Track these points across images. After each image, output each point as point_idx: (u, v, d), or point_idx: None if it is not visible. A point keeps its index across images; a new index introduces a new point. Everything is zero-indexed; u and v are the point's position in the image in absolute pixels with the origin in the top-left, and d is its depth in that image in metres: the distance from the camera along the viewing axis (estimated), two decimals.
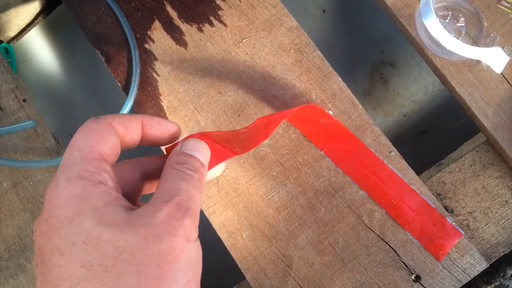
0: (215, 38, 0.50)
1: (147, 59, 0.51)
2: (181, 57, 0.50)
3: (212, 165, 0.27)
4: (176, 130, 0.28)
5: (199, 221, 0.23)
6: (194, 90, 0.50)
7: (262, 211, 0.46)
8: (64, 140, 0.55)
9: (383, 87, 0.93)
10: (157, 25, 0.52)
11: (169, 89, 0.50)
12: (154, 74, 0.51)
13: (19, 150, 0.53)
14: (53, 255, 0.20)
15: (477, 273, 0.43)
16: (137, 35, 0.52)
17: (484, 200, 0.47)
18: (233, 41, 0.50)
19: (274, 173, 0.47)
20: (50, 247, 0.20)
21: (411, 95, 0.92)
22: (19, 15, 0.77)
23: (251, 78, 0.49)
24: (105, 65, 0.52)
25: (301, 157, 0.47)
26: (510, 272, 0.46)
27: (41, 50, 1.01)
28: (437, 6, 0.48)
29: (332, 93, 0.48)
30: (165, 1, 0.52)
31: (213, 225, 0.46)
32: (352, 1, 0.97)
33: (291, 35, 0.49)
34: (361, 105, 0.47)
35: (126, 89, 0.50)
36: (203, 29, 0.51)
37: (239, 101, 0.49)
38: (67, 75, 1.00)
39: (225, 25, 0.51)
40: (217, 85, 0.49)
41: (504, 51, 0.45)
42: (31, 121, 0.53)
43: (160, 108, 0.50)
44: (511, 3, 0.48)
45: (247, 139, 0.34)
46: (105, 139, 0.23)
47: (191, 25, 0.51)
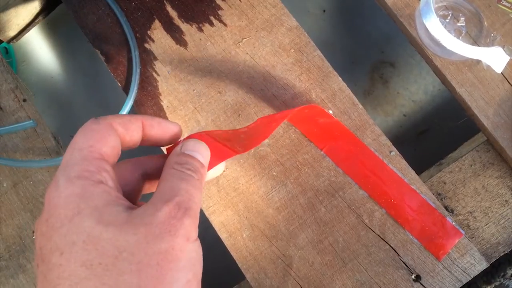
0: (215, 37, 0.50)
1: (147, 59, 0.51)
2: (181, 57, 0.50)
3: (212, 164, 0.27)
4: (177, 130, 0.28)
5: (199, 221, 0.23)
6: (194, 89, 0.50)
7: (262, 211, 0.46)
8: (64, 140, 0.55)
9: (383, 87, 0.93)
10: (157, 24, 0.52)
11: (169, 89, 0.50)
12: (154, 73, 0.51)
13: (19, 150, 0.53)
14: (53, 254, 0.20)
15: (477, 273, 0.43)
16: (137, 35, 0.52)
17: (484, 199, 0.47)
18: (233, 41, 0.50)
19: (274, 173, 0.46)
20: (50, 246, 0.20)
21: (411, 95, 0.92)
22: (19, 15, 0.77)
23: (251, 77, 0.49)
24: (105, 65, 0.52)
25: (301, 156, 0.47)
26: (510, 272, 0.46)
27: (41, 50, 1.01)
28: (437, 5, 0.48)
29: (332, 92, 0.48)
30: (165, 1, 0.52)
31: (213, 225, 0.46)
32: (352, 1, 0.97)
33: (291, 34, 0.49)
34: (361, 105, 0.47)
35: (126, 89, 0.50)
36: (203, 28, 0.51)
37: (239, 100, 0.49)
38: (67, 75, 1.00)
39: (225, 24, 0.51)
40: (217, 85, 0.49)
41: (504, 50, 0.45)
42: (31, 121, 0.53)
43: (160, 108, 0.50)
44: (511, 3, 0.48)
45: (247, 139, 0.34)
46: (105, 139, 0.23)
47: (191, 25, 0.51)
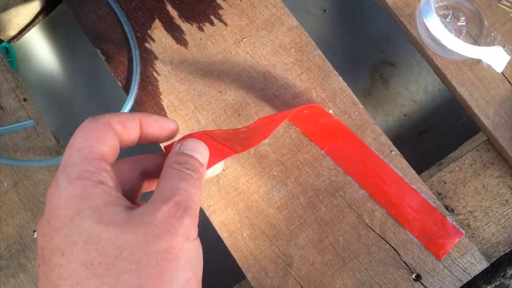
0: (215, 37, 0.50)
1: (148, 58, 0.51)
2: (181, 57, 0.50)
3: (211, 163, 0.28)
4: (174, 127, 0.28)
5: (199, 220, 0.23)
6: (194, 89, 0.50)
7: (262, 210, 0.46)
8: (64, 139, 0.55)
9: (384, 86, 0.93)
10: (157, 24, 0.52)
11: (169, 88, 0.50)
12: (154, 73, 0.51)
13: (20, 149, 0.53)
14: (54, 255, 0.20)
15: (478, 272, 0.43)
16: (138, 34, 0.52)
17: (484, 199, 0.47)
18: (234, 40, 0.50)
19: (274, 172, 0.46)
20: (51, 247, 0.21)
21: (411, 94, 0.92)
22: (20, 15, 0.77)
23: (252, 77, 0.49)
24: (105, 64, 0.52)
25: (301, 156, 0.46)
26: (510, 271, 0.46)
27: (41, 49, 1.01)
28: (437, 5, 0.48)
29: (332, 92, 0.48)
30: (165, 0, 0.52)
31: (214, 225, 0.46)
32: (352, 0, 0.97)
33: (292, 34, 0.49)
34: (361, 104, 0.47)
35: (126, 89, 0.50)
36: (203, 28, 0.51)
37: (240, 100, 0.49)
38: (67, 74, 1.00)
39: (226, 24, 0.51)
40: (217, 84, 0.49)
41: (504, 50, 0.45)
42: (32, 120, 0.53)
43: (160, 107, 0.50)
44: (511, 2, 0.48)
45: (247, 138, 0.34)
46: (104, 138, 0.23)
47: (192, 24, 0.51)
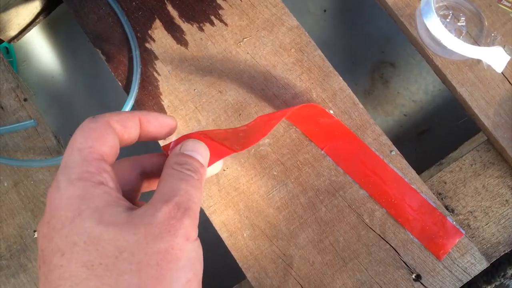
0: (216, 37, 0.50)
1: (148, 59, 0.51)
2: (182, 57, 0.50)
3: (209, 162, 0.28)
4: (173, 124, 0.28)
5: (199, 220, 0.23)
6: (195, 89, 0.50)
7: (262, 211, 0.46)
8: (64, 139, 0.55)
9: (384, 86, 0.93)
10: (158, 24, 0.52)
11: (170, 89, 0.50)
12: (155, 73, 0.51)
13: (20, 149, 0.53)
14: (54, 255, 0.20)
15: (478, 273, 0.43)
16: (138, 35, 0.52)
17: (484, 199, 0.47)
18: (234, 41, 0.50)
19: (274, 173, 0.47)
20: (51, 248, 0.21)
21: (411, 94, 0.92)
22: (20, 15, 0.77)
23: (252, 77, 0.49)
24: (105, 64, 0.52)
25: (301, 156, 0.47)
26: (510, 271, 0.46)
27: (41, 49, 1.01)
28: (438, 5, 0.48)
29: (332, 92, 0.48)
30: (166, 1, 0.52)
31: (214, 225, 0.46)
32: (352, 0, 0.97)
33: (292, 34, 0.49)
34: (361, 104, 0.47)
35: (127, 89, 0.50)
36: (204, 28, 0.51)
37: (240, 100, 0.49)
38: (67, 75, 1.00)
39: (226, 24, 0.51)
40: (217, 84, 0.49)
41: (505, 50, 0.45)
42: (32, 120, 0.53)
43: (161, 107, 0.50)
44: (511, 3, 0.48)
45: (246, 137, 0.34)
46: (104, 139, 0.23)
47: (192, 25, 0.51)
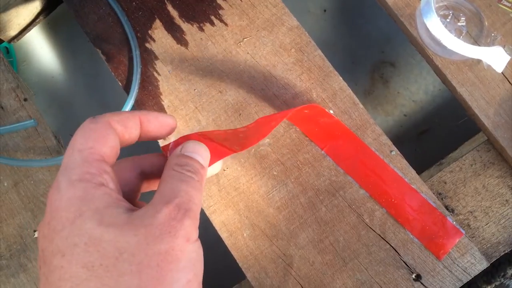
0: (216, 37, 0.50)
1: (148, 59, 0.51)
2: (182, 57, 0.50)
3: (209, 163, 0.28)
4: (173, 123, 0.28)
5: (199, 221, 0.23)
6: (195, 89, 0.50)
7: (262, 210, 0.46)
8: (64, 139, 0.55)
9: (384, 86, 0.93)
10: (158, 24, 0.52)
11: (170, 89, 0.50)
12: (155, 73, 0.51)
13: (20, 149, 0.53)
14: (54, 256, 0.20)
15: (478, 272, 0.43)
16: (138, 34, 0.52)
17: (484, 199, 0.47)
18: (234, 41, 0.50)
19: (275, 172, 0.47)
20: (51, 249, 0.21)
21: (411, 94, 0.92)
22: (20, 15, 0.77)
23: (252, 77, 0.49)
24: (106, 64, 0.52)
25: (302, 156, 0.47)
26: (510, 271, 0.46)
27: (41, 49, 1.01)
28: (438, 5, 0.48)
29: (332, 92, 0.48)
30: (166, 1, 0.52)
31: (214, 224, 0.46)
32: (353, 0, 0.97)
33: (292, 34, 0.49)
34: (361, 104, 0.47)
35: (127, 89, 0.50)
36: (204, 28, 0.51)
37: (240, 100, 0.49)
38: (67, 75, 1.00)
39: (226, 24, 0.51)
40: (218, 85, 0.49)
41: (505, 50, 0.45)
42: (32, 120, 0.53)
43: (161, 107, 0.50)
44: (511, 3, 0.48)
45: (246, 138, 0.34)
46: (105, 139, 0.23)
47: (192, 25, 0.51)
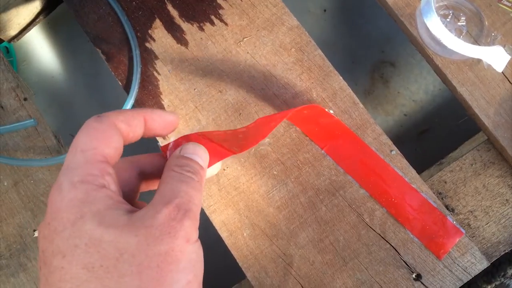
0: (216, 37, 0.50)
1: (148, 58, 0.51)
2: (182, 56, 0.50)
3: (208, 164, 0.28)
4: (176, 121, 0.28)
5: (199, 221, 0.23)
6: (195, 89, 0.50)
7: (263, 210, 0.46)
8: (64, 138, 0.55)
9: (384, 86, 0.93)
10: (158, 24, 0.52)
11: (170, 88, 0.50)
12: (155, 73, 0.51)
13: (20, 148, 0.53)
14: (55, 257, 0.20)
15: (478, 272, 0.43)
16: (138, 34, 0.52)
17: (485, 199, 0.47)
18: (234, 40, 0.50)
19: (275, 172, 0.47)
20: (52, 249, 0.21)
21: (411, 94, 0.92)
22: (20, 14, 0.77)
23: (252, 77, 0.49)
24: (106, 64, 0.52)
25: (302, 156, 0.47)
26: (510, 271, 0.46)
27: (41, 49, 1.01)
28: (438, 5, 0.48)
29: (333, 92, 0.48)
30: (166, 0, 0.52)
31: (214, 224, 0.46)
32: (352, 0, 0.97)
33: (292, 34, 0.49)
34: (361, 104, 0.47)
35: (127, 88, 0.50)
36: (204, 28, 0.51)
37: (240, 100, 0.49)
38: (67, 74, 1.00)
39: (226, 24, 0.51)
40: (218, 84, 0.49)
41: (505, 50, 0.45)
42: (32, 120, 0.53)
43: (161, 107, 0.50)
44: (511, 2, 0.48)
45: (245, 139, 0.34)
46: (109, 140, 0.23)
47: (192, 24, 0.51)
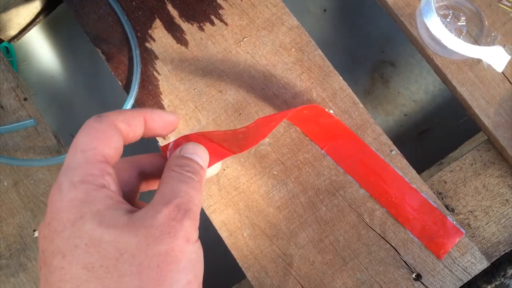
0: (216, 37, 0.50)
1: (148, 58, 0.51)
2: (182, 56, 0.50)
3: (208, 164, 0.28)
4: (176, 121, 0.28)
5: (199, 221, 0.23)
6: (195, 89, 0.50)
7: (263, 210, 0.46)
8: (64, 138, 0.55)
9: (384, 86, 0.93)
10: (158, 24, 0.52)
11: (170, 88, 0.50)
12: (155, 73, 0.51)
13: (20, 148, 0.53)
14: (55, 257, 0.20)
15: (478, 272, 0.43)
16: (138, 34, 0.52)
17: (485, 199, 0.47)
18: (234, 40, 0.50)
19: (275, 172, 0.47)
20: (52, 249, 0.21)
21: (411, 94, 0.92)
22: (20, 14, 0.77)
23: (252, 77, 0.49)
24: (105, 64, 0.52)
25: (302, 156, 0.47)
26: (510, 271, 0.46)
27: (41, 49, 1.01)
28: (438, 5, 0.48)
29: (333, 92, 0.48)
30: (166, 0, 0.52)
31: (214, 224, 0.46)
32: (352, 0, 0.97)
33: (292, 34, 0.49)
34: (361, 104, 0.47)
35: (127, 88, 0.50)
36: (204, 28, 0.51)
37: (240, 100, 0.49)
38: (67, 74, 1.00)
39: (226, 24, 0.51)
40: (218, 84, 0.49)
41: (505, 50, 0.45)
42: (32, 120, 0.53)
43: (160, 107, 0.50)
44: (511, 2, 0.48)
45: (245, 139, 0.34)
46: (109, 140, 0.23)
47: (192, 24, 0.51)
